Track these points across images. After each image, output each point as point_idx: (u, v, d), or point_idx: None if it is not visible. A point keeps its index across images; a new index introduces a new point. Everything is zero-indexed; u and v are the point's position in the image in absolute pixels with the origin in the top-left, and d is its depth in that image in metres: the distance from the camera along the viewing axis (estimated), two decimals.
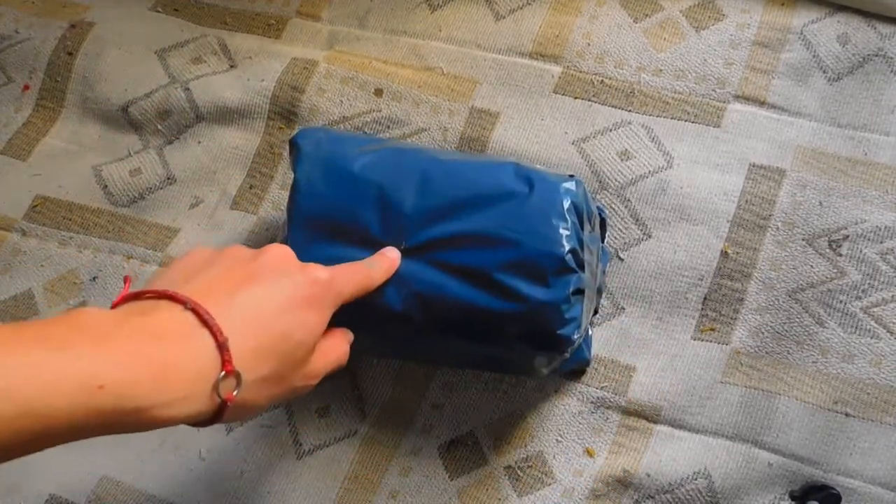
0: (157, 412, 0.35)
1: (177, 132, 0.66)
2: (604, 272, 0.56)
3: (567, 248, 0.48)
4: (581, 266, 0.49)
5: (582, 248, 0.49)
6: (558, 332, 0.48)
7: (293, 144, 0.54)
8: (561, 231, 0.48)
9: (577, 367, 0.54)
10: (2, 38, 0.72)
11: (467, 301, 0.48)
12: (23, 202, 0.66)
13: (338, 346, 0.45)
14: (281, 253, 0.43)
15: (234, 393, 0.37)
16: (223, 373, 0.37)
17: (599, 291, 0.55)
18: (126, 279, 0.43)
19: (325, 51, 0.67)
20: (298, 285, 0.41)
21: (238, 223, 0.62)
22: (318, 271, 0.43)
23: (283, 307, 0.40)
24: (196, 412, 0.37)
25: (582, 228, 0.50)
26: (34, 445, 0.33)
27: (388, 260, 0.49)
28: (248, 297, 0.39)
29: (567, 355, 0.50)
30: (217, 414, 0.38)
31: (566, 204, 0.49)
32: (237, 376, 0.37)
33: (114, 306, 0.39)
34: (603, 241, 0.57)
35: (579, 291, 0.49)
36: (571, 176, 0.51)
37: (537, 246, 0.48)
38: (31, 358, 0.33)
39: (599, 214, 0.55)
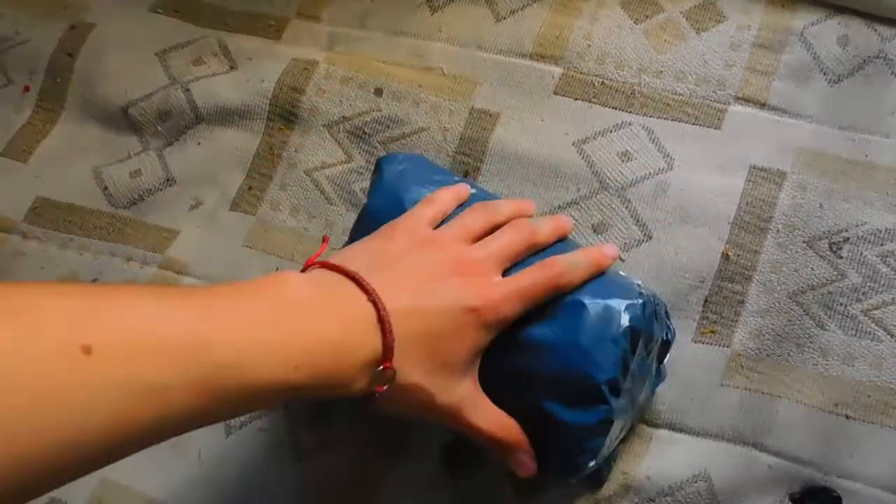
0: (328, 392, 0.41)
1: (177, 133, 0.66)
2: (653, 392, 0.51)
3: (607, 376, 0.44)
4: (617, 394, 0.45)
5: (625, 376, 0.45)
6: (574, 458, 0.46)
7: (378, 167, 0.53)
8: (608, 355, 0.44)
9: (591, 485, 0.51)
10: (2, 39, 0.72)
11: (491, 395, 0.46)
12: (23, 204, 0.66)
13: (501, 420, 0.46)
14: (474, 262, 0.46)
15: (384, 387, 0.42)
16: (381, 368, 0.41)
17: (638, 410, 0.51)
18: (325, 239, 0.51)
19: (326, 51, 0.67)
20: (463, 310, 0.44)
21: (237, 224, 0.62)
22: (481, 299, 0.44)
23: (445, 322, 0.43)
24: (353, 393, 0.42)
25: (633, 353, 0.46)
26: (239, 411, 0.39)
27: (603, 258, 0.48)
28: (421, 303, 0.43)
29: (573, 481, 0.48)
30: (368, 399, 0.42)
31: (626, 322, 0.45)
32: (392, 374, 0.42)
33: (307, 265, 0.45)
34: (663, 362, 0.51)
35: (607, 421, 0.45)
36: (640, 293, 0.47)
37: (578, 362, 0.44)
38: (248, 335, 0.37)
39: (666, 336, 0.50)
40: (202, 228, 0.63)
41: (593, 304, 0.45)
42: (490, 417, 0.45)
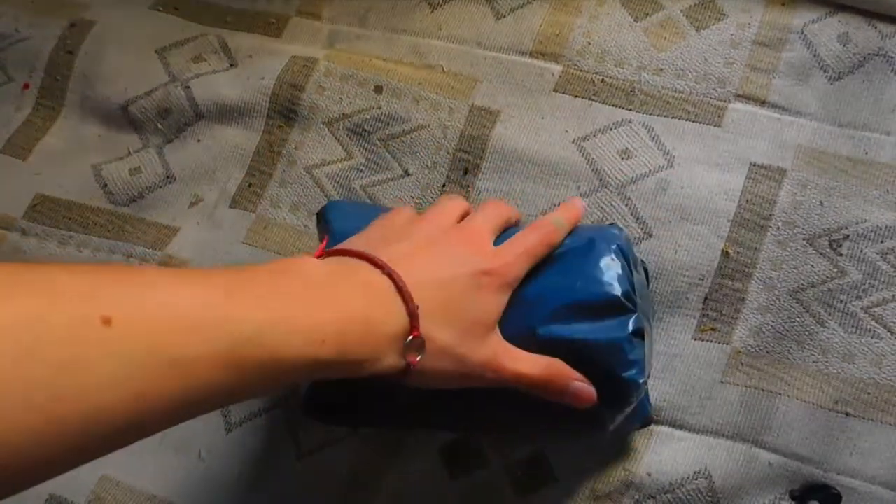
0: (357, 369, 0.40)
1: (176, 131, 0.66)
2: (651, 324, 0.52)
3: (621, 288, 0.46)
4: (635, 306, 0.47)
5: (634, 292, 0.47)
6: (622, 374, 0.46)
7: (321, 217, 0.53)
8: (612, 272, 0.47)
9: (641, 425, 0.52)
10: (2, 36, 0.72)
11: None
12: (23, 201, 0.66)
13: (540, 359, 0.46)
14: (472, 231, 0.48)
15: (418, 358, 0.42)
16: (411, 338, 0.41)
17: (651, 342, 0.51)
18: (324, 239, 0.49)
19: (326, 49, 0.67)
20: (478, 274, 0.45)
21: (237, 221, 0.62)
22: (492, 262, 0.45)
23: (464, 287, 0.44)
24: (384, 371, 0.41)
25: (631, 273, 0.48)
26: (267, 388, 0.38)
27: (576, 210, 0.51)
28: (436, 272, 0.44)
29: (634, 403, 0.47)
30: (401, 374, 0.42)
31: (613, 247, 0.48)
32: (421, 342, 0.42)
33: (315, 258, 0.44)
34: (648, 289, 0.54)
35: (639, 333, 0.46)
36: (612, 224, 0.51)
37: (589, 288, 0.46)
38: (272, 311, 0.37)
39: (644, 265, 0.53)
40: (202, 225, 0.63)
41: (582, 243, 0.49)
42: (530, 360, 0.45)
